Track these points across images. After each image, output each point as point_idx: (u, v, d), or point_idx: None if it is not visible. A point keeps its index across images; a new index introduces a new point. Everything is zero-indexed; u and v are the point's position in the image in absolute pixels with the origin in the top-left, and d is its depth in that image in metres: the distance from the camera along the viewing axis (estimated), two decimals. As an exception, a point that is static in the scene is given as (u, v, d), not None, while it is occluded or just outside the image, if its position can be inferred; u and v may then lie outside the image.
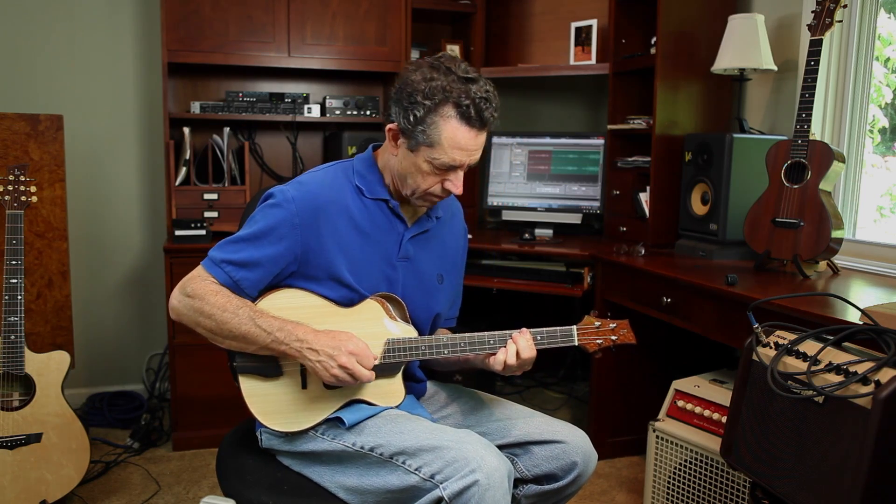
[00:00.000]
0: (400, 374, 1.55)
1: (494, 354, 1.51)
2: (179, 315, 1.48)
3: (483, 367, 1.56)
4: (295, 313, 1.48)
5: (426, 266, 1.63)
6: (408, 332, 1.54)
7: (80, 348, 3.16)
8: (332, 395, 1.52)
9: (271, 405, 1.52)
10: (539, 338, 1.52)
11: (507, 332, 1.51)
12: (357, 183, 1.56)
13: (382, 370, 1.50)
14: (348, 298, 1.53)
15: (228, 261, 1.46)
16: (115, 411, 3.19)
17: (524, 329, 1.52)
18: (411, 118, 1.44)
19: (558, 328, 1.53)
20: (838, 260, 2.37)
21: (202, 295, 1.44)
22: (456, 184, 1.50)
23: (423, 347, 1.51)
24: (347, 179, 1.57)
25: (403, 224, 1.60)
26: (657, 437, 2.29)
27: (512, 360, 1.48)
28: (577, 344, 1.53)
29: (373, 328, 1.51)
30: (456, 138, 1.44)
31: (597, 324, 1.55)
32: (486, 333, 1.51)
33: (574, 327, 1.53)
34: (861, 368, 1.36)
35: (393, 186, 1.57)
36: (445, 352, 1.51)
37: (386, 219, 1.58)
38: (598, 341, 1.53)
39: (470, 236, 1.86)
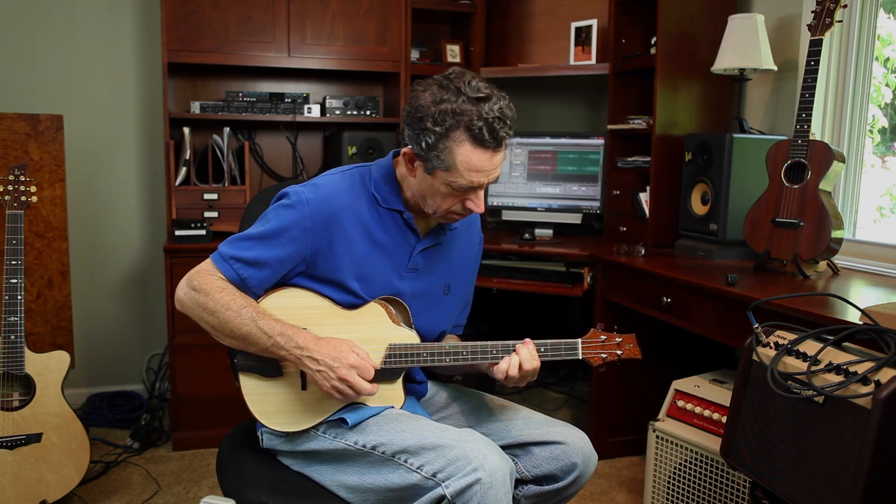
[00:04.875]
0: (400, 380, 1.55)
1: (497, 364, 1.49)
2: (184, 307, 1.48)
3: (487, 374, 1.55)
4: (297, 313, 1.48)
5: (434, 278, 1.62)
6: (410, 337, 1.53)
7: (80, 348, 3.16)
8: (330, 397, 1.51)
9: (270, 405, 1.52)
10: (542, 350, 1.50)
11: (511, 342, 1.50)
12: (374, 191, 1.54)
13: (383, 375, 1.49)
14: (352, 303, 1.53)
15: (237, 258, 1.46)
16: (115, 411, 3.18)
17: (528, 340, 1.50)
18: (423, 144, 1.41)
19: (563, 341, 1.51)
20: (838, 260, 2.37)
21: (208, 290, 1.43)
22: (477, 203, 1.48)
23: (424, 354, 1.50)
24: (364, 186, 1.55)
25: (416, 236, 1.58)
26: (657, 437, 2.29)
27: (514, 371, 1.47)
28: (581, 357, 1.51)
29: (375, 332, 1.50)
30: (471, 162, 1.41)
31: (602, 337, 1.52)
32: (489, 343, 1.50)
33: (579, 340, 1.51)
34: (861, 368, 1.36)
35: (413, 201, 1.54)
36: (447, 360, 1.50)
37: (399, 230, 1.56)
38: (603, 355, 1.51)
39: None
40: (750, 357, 1.59)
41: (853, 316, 1.66)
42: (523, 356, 1.47)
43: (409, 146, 1.46)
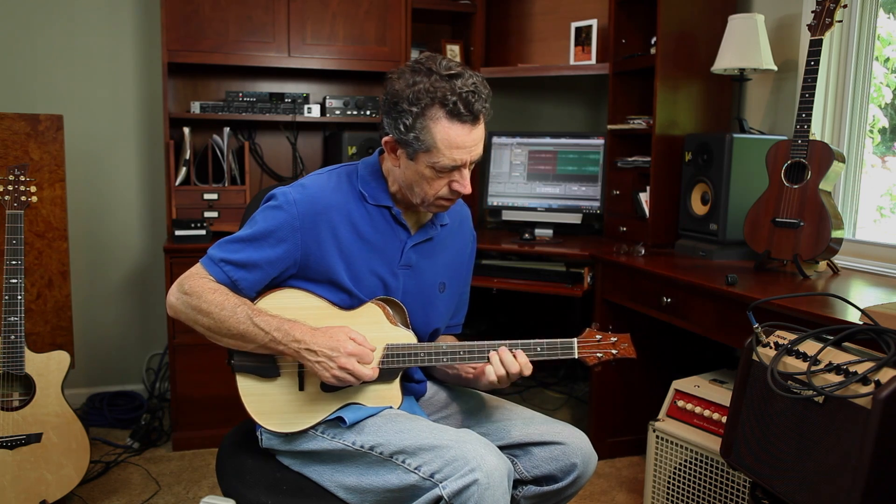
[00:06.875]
0: (398, 380, 1.55)
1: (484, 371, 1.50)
2: (177, 312, 1.48)
3: (474, 386, 1.57)
4: (295, 314, 1.48)
5: (428, 275, 1.62)
6: (407, 337, 1.53)
7: (80, 348, 3.16)
8: (328, 396, 1.52)
9: (268, 405, 1.52)
10: (539, 349, 1.50)
11: (506, 341, 1.50)
12: (361, 188, 1.55)
13: (380, 375, 1.49)
14: (348, 303, 1.53)
15: (227, 260, 1.46)
16: (115, 411, 3.18)
17: (503, 347, 1.50)
18: (402, 127, 1.43)
19: (559, 340, 1.51)
20: (838, 260, 2.37)
21: (200, 293, 1.43)
22: (463, 183, 1.48)
23: (422, 354, 1.51)
24: (351, 184, 1.55)
25: (406, 232, 1.58)
26: (657, 437, 2.29)
27: (501, 371, 1.47)
28: (577, 357, 1.51)
29: (372, 332, 1.50)
30: (450, 138, 1.42)
31: (598, 337, 1.53)
32: (486, 343, 1.50)
33: (575, 340, 1.51)
34: (861, 368, 1.36)
35: (400, 194, 1.55)
36: (444, 359, 1.51)
37: (388, 226, 1.56)
38: (599, 355, 1.52)
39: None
40: (750, 357, 1.59)
41: (853, 316, 1.66)
42: (506, 359, 1.47)
43: (389, 134, 1.47)
